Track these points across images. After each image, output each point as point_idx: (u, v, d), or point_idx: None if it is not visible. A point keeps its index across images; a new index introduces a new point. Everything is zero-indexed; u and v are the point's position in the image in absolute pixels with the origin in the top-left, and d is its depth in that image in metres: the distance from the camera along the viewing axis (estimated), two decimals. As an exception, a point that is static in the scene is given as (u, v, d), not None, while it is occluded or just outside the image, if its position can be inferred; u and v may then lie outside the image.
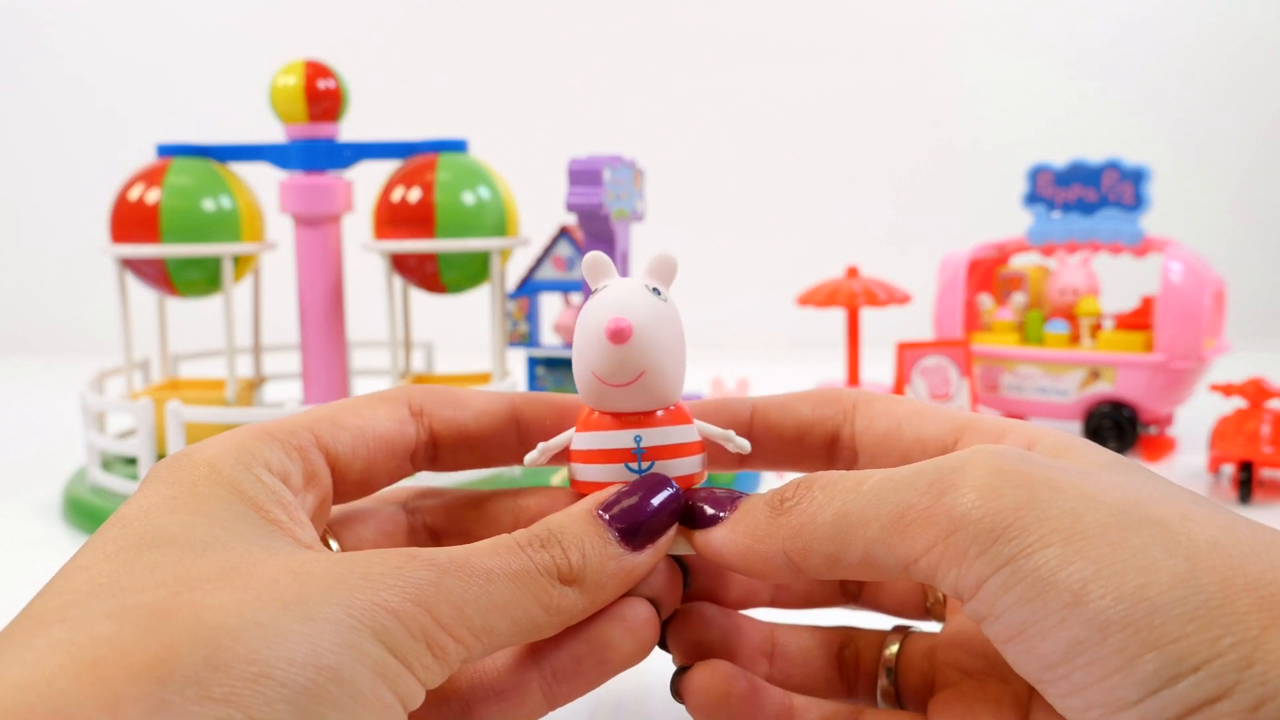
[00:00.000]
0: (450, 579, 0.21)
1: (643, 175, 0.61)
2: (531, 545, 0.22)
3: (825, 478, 0.23)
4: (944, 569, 0.20)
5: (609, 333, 0.24)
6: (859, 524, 0.22)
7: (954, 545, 0.20)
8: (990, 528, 0.20)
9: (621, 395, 0.25)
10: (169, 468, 0.23)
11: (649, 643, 0.25)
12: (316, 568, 0.20)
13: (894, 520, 0.21)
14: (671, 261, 0.26)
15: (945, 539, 0.20)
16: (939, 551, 0.20)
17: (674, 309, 0.25)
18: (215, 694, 0.17)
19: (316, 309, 0.61)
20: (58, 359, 1.15)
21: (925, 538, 0.21)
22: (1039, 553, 0.19)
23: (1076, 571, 0.19)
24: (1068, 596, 0.18)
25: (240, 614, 0.18)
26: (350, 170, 0.63)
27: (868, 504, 0.22)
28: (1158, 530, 0.19)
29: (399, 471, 0.27)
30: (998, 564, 0.19)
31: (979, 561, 0.20)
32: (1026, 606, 0.19)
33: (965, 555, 0.20)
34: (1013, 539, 0.19)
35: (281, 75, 0.59)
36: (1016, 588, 0.19)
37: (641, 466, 0.25)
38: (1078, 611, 0.18)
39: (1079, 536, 0.19)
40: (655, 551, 0.24)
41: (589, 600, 0.23)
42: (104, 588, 0.19)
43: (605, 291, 0.25)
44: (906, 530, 0.21)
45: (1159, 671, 0.17)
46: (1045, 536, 0.19)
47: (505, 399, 0.28)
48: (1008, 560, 0.19)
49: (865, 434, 0.27)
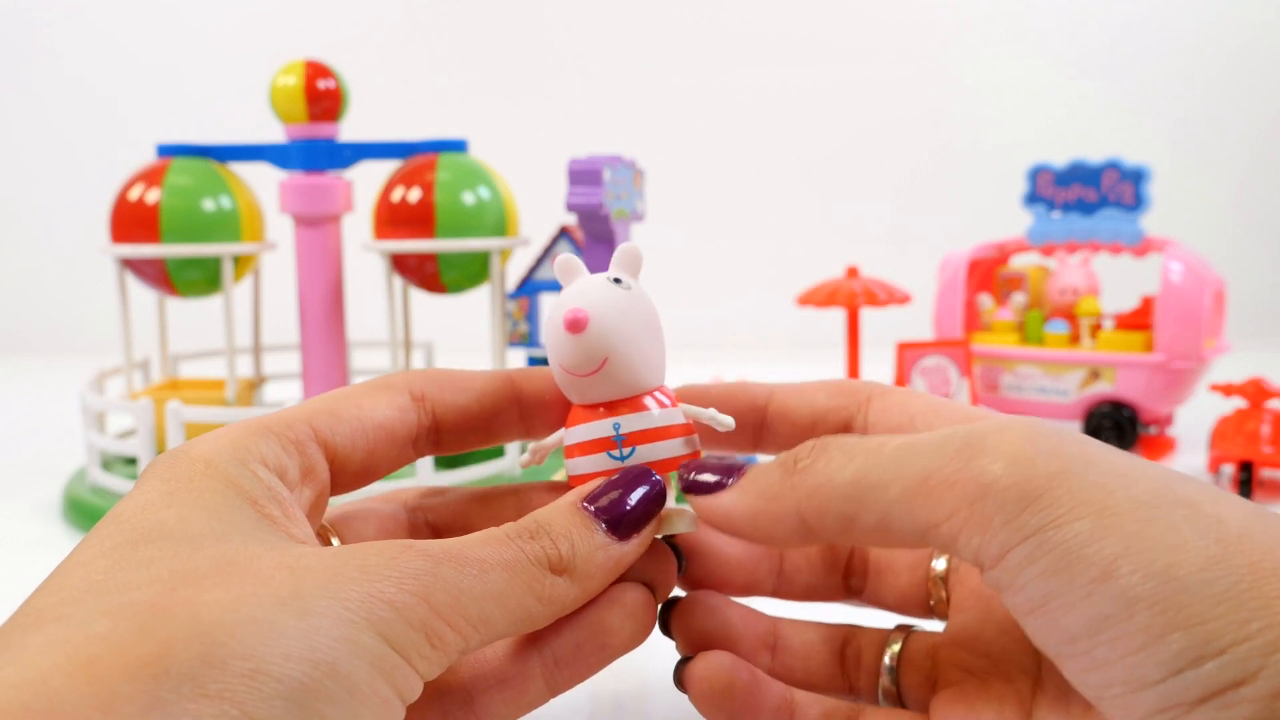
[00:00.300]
0: (445, 568, 0.21)
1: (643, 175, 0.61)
2: (521, 536, 0.23)
3: (843, 439, 0.23)
4: (966, 536, 0.20)
5: (565, 323, 0.25)
6: (879, 486, 0.21)
7: (979, 512, 0.20)
8: (1019, 496, 0.20)
9: (590, 384, 0.25)
10: (165, 463, 0.23)
11: (647, 626, 0.25)
12: (312, 562, 0.20)
13: (917, 484, 0.21)
14: (634, 252, 0.26)
15: (970, 505, 0.20)
16: (962, 517, 0.20)
17: (639, 296, 0.26)
18: (210, 691, 0.17)
19: (316, 309, 0.61)
20: (58, 359, 1.15)
21: (949, 503, 0.20)
22: (1069, 525, 0.19)
23: (1107, 547, 0.18)
24: (1096, 571, 0.18)
25: (236, 610, 0.18)
26: (350, 170, 0.63)
27: (889, 466, 0.22)
28: (1189, 511, 0.19)
29: (401, 458, 0.27)
30: (1025, 534, 0.19)
31: (1004, 530, 0.20)
32: (1052, 579, 0.19)
33: (990, 523, 0.20)
34: (1042, 509, 0.19)
35: (281, 75, 0.59)
36: (1043, 559, 0.19)
37: (624, 453, 0.25)
38: (1105, 587, 0.18)
39: (1110, 512, 0.19)
40: (641, 540, 0.24)
41: (580, 589, 0.23)
42: (100, 584, 0.19)
43: (569, 287, 0.26)
44: (930, 495, 0.21)
45: (1184, 651, 0.17)
46: (1076, 509, 0.19)
47: (504, 376, 0.28)
48: (1036, 531, 0.19)
49: (878, 426, 0.27)
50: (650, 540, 0.25)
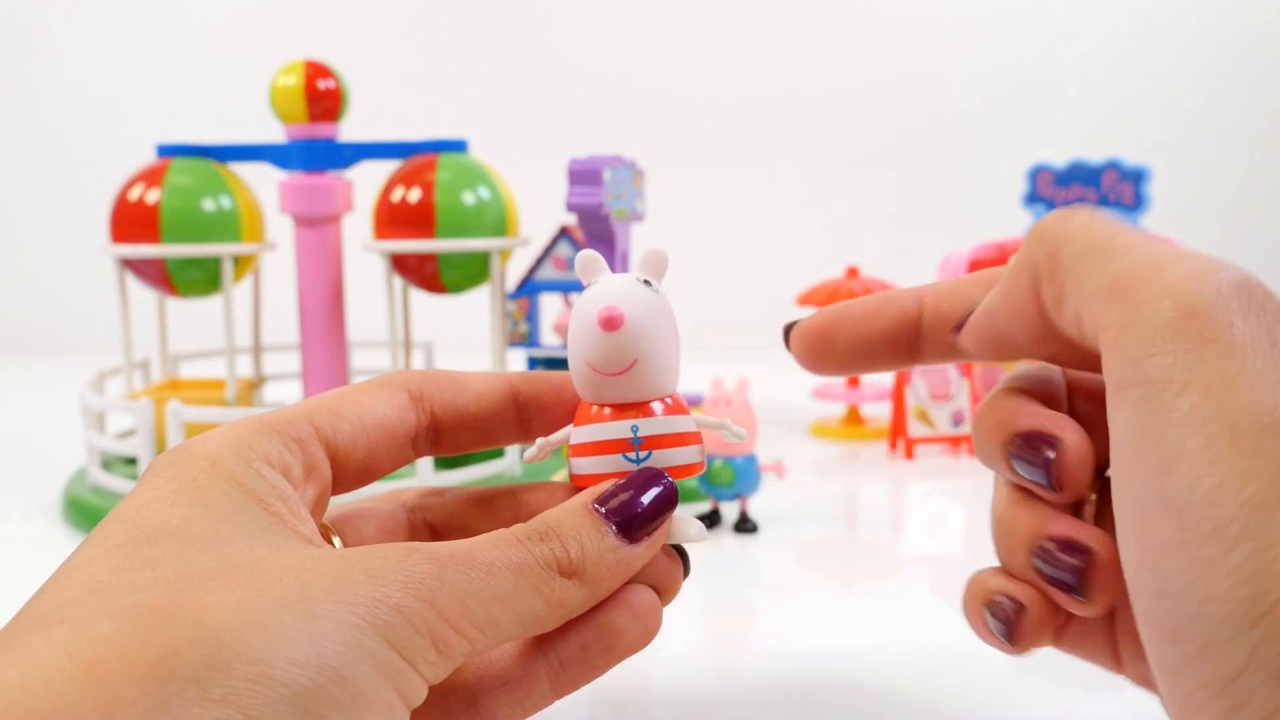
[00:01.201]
0: (452, 571, 0.21)
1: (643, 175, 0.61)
2: (530, 539, 0.22)
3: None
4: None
5: (601, 320, 0.24)
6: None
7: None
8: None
9: (616, 384, 0.25)
10: (168, 461, 0.23)
11: (653, 628, 0.25)
12: (319, 564, 0.20)
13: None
14: (662, 255, 0.26)
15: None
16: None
17: (666, 301, 0.26)
18: (215, 695, 0.17)
19: (316, 309, 0.61)
20: (58, 359, 1.15)
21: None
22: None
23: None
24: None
25: (241, 613, 0.18)
26: (350, 170, 0.63)
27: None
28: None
29: (400, 458, 0.27)
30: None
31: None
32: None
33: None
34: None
35: (281, 75, 0.59)
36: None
37: (640, 456, 0.25)
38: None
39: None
40: (652, 543, 0.24)
41: (589, 592, 0.23)
42: (104, 585, 0.19)
43: (597, 285, 0.26)
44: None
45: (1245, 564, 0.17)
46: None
47: (503, 379, 0.28)
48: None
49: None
50: (661, 544, 0.25)
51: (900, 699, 0.37)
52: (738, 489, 0.53)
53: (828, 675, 0.38)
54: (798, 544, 0.53)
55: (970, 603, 0.25)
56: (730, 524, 0.55)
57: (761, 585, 0.50)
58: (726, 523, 0.55)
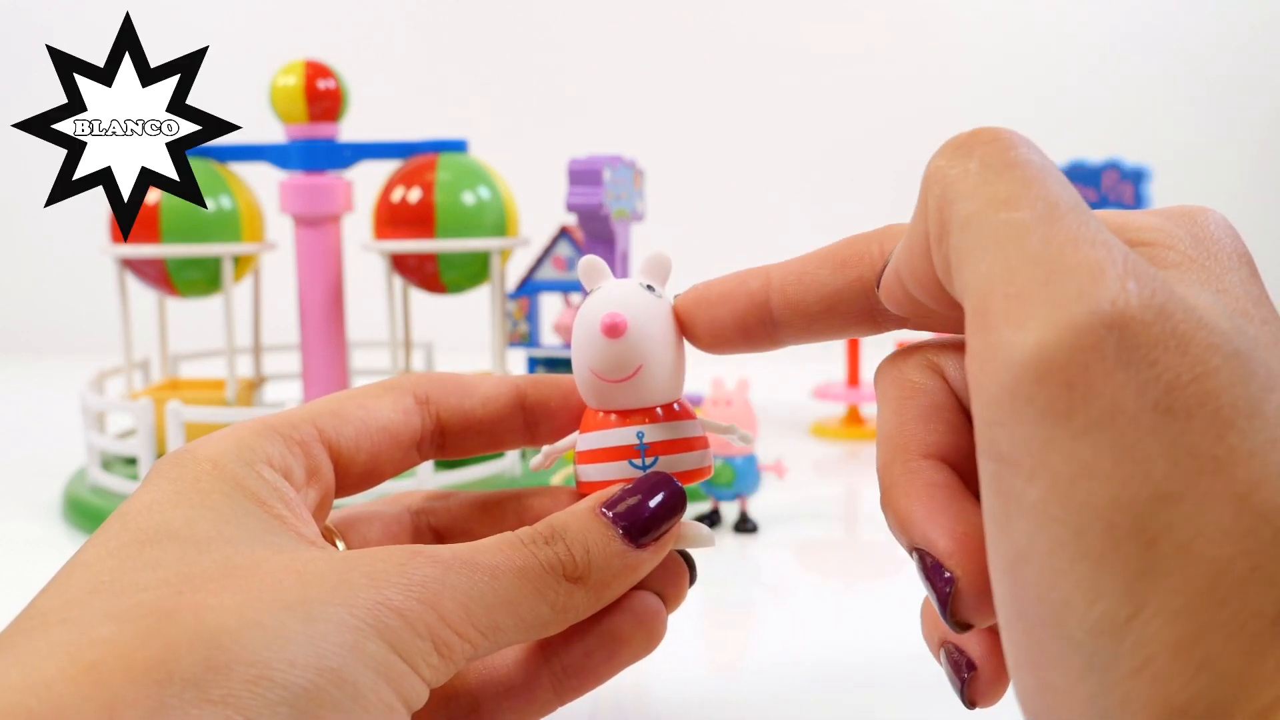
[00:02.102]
0: (455, 575, 0.21)
1: (643, 175, 0.61)
2: (536, 542, 0.22)
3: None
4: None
5: (604, 327, 0.24)
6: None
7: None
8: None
9: (618, 390, 0.25)
10: (171, 464, 0.23)
11: (657, 635, 0.25)
12: (320, 566, 0.20)
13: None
14: (665, 259, 0.26)
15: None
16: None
17: (669, 305, 0.26)
18: (214, 696, 0.17)
19: (316, 309, 0.61)
20: (58, 359, 1.15)
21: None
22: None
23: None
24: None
25: (241, 614, 0.18)
26: (350, 170, 0.63)
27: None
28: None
29: (405, 461, 0.27)
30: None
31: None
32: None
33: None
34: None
35: (281, 75, 0.59)
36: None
37: (645, 462, 0.25)
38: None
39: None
40: (659, 548, 0.24)
41: (594, 598, 0.23)
42: (106, 586, 0.19)
43: (600, 291, 0.25)
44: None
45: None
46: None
47: (510, 383, 0.28)
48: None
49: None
50: (668, 549, 0.25)
51: (900, 699, 0.37)
52: (738, 489, 0.53)
53: (828, 675, 0.38)
54: (798, 544, 0.53)
55: (927, 637, 0.23)
56: (730, 524, 0.55)
57: (761, 585, 0.50)
58: (726, 523, 0.55)
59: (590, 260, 0.26)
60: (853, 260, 0.22)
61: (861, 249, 0.22)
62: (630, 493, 0.24)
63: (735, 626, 0.45)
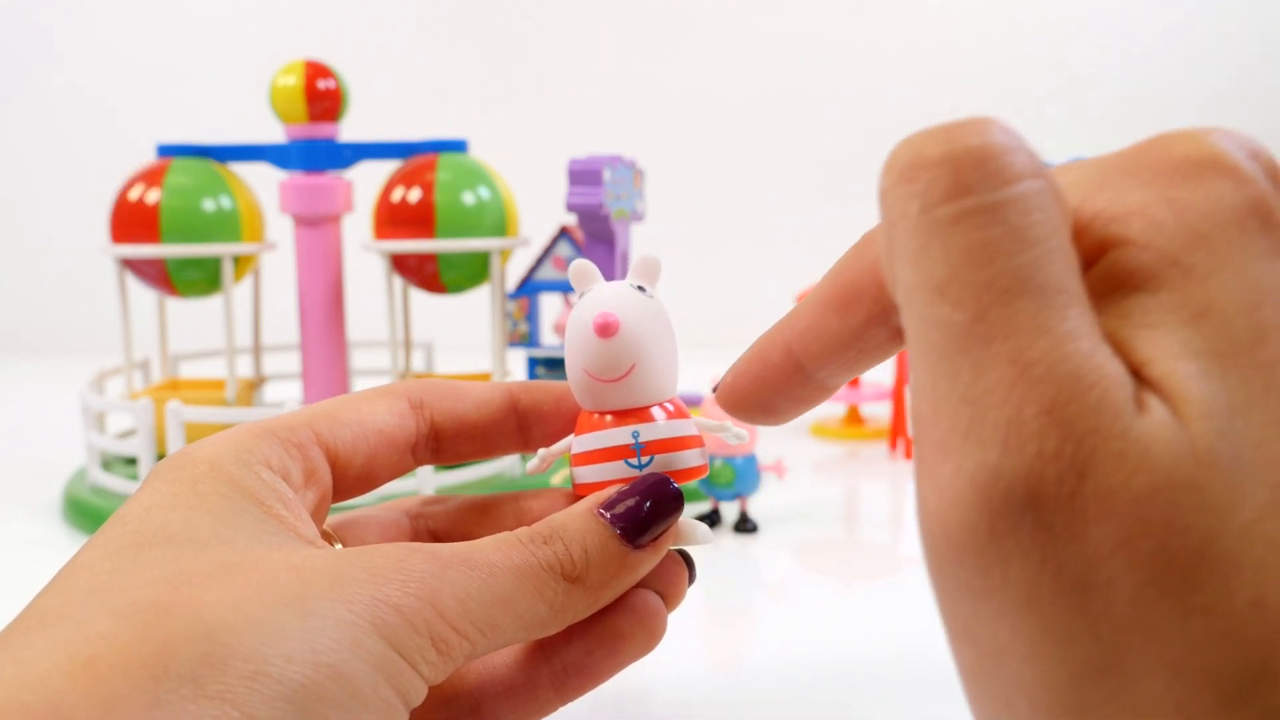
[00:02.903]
0: (454, 571, 0.21)
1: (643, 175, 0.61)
2: (534, 541, 0.22)
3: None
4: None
5: (596, 327, 0.24)
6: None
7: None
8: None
9: (614, 390, 0.25)
10: (170, 466, 0.23)
11: (658, 633, 0.25)
12: (319, 562, 0.20)
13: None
14: (654, 261, 0.26)
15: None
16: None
17: (661, 306, 0.26)
18: (211, 692, 0.17)
19: (316, 309, 0.61)
20: (58, 359, 1.15)
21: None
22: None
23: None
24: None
25: (239, 610, 0.18)
26: (350, 170, 0.63)
27: None
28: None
29: (400, 466, 0.27)
30: None
31: None
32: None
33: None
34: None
35: (281, 75, 0.59)
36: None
37: (641, 462, 0.25)
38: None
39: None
40: (656, 549, 0.24)
41: (592, 598, 0.23)
42: (104, 585, 0.19)
43: (591, 293, 0.26)
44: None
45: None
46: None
47: (503, 388, 0.28)
48: None
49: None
50: (666, 550, 0.25)
51: (900, 698, 0.37)
52: (738, 489, 0.53)
53: (828, 675, 0.38)
54: (798, 544, 0.53)
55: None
56: (730, 524, 0.55)
57: (761, 585, 0.50)
58: (726, 523, 0.55)
59: (581, 264, 0.26)
60: (853, 300, 0.20)
61: (856, 285, 0.20)
62: (628, 494, 0.24)
63: (735, 626, 0.45)
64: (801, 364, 0.21)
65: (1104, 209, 0.16)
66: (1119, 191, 0.16)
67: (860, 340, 0.20)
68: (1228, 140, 0.16)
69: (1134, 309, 0.15)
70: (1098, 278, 0.16)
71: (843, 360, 0.21)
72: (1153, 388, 0.14)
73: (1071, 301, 0.15)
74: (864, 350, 0.21)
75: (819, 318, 0.21)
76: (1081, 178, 0.17)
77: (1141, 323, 0.15)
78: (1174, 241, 0.15)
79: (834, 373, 0.21)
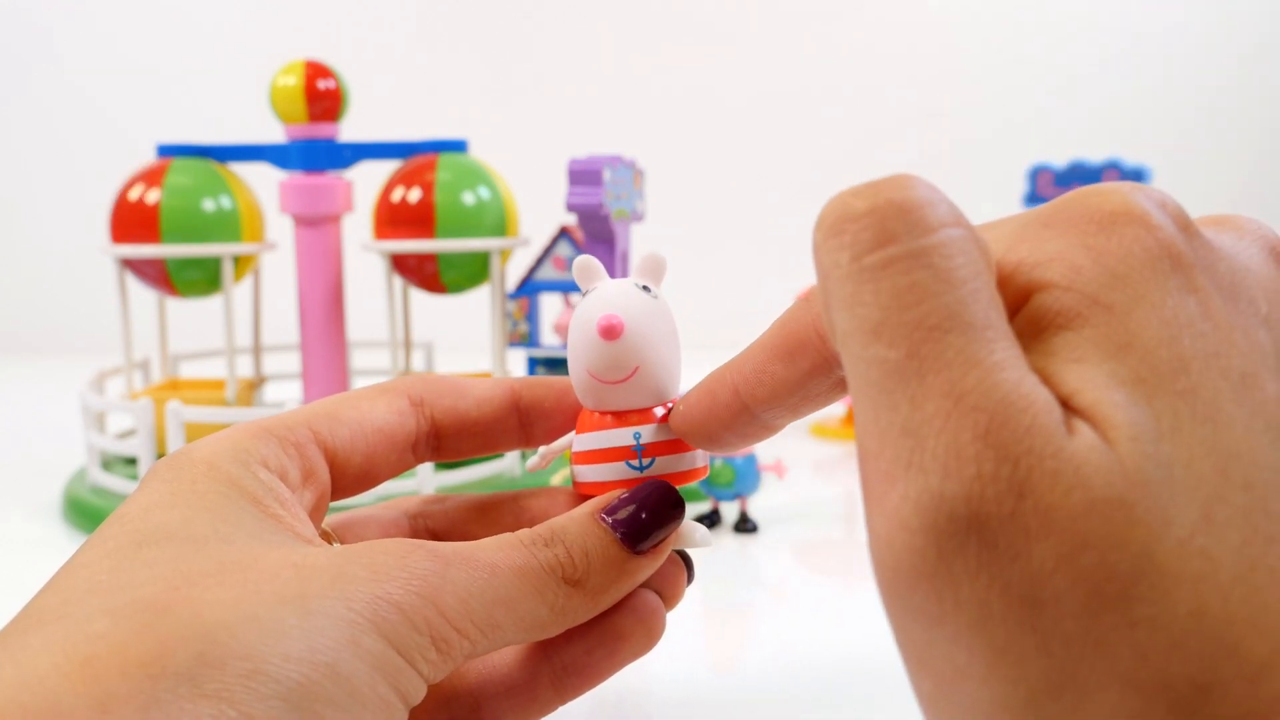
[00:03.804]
0: (455, 570, 0.21)
1: (643, 175, 0.61)
2: (536, 543, 0.22)
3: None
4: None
5: (601, 329, 0.24)
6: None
7: None
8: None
9: (617, 392, 0.25)
10: (167, 466, 0.23)
11: (657, 632, 0.25)
12: (319, 560, 0.20)
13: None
14: (660, 260, 0.26)
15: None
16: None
17: (665, 306, 0.26)
18: (207, 690, 0.17)
19: (316, 309, 0.61)
20: (58, 359, 1.15)
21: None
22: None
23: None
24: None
25: (237, 609, 0.18)
26: (350, 170, 0.63)
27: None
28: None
29: (400, 463, 0.27)
30: None
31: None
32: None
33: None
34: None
35: (281, 75, 0.59)
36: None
37: (643, 463, 0.25)
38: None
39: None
40: (657, 555, 0.24)
41: (592, 602, 0.23)
42: (102, 585, 0.19)
43: (596, 291, 0.25)
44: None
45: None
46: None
47: (504, 384, 0.28)
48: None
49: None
50: (667, 555, 0.25)
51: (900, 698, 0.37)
52: (738, 489, 0.53)
53: (828, 675, 0.38)
54: (798, 544, 0.53)
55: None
56: (730, 524, 0.55)
57: (761, 585, 0.50)
58: (726, 523, 0.55)
59: (585, 260, 0.26)
60: (798, 351, 0.21)
61: (800, 337, 0.21)
62: (629, 500, 0.24)
63: (735, 626, 0.45)
64: (747, 405, 0.23)
65: (1025, 258, 0.17)
66: (1038, 242, 0.17)
67: (803, 388, 0.22)
68: (1139, 194, 0.17)
69: (1060, 346, 0.16)
70: (1024, 321, 0.16)
71: (786, 405, 0.22)
72: (1080, 415, 0.15)
73: (998, 336, 0.15)
74: (806, 397, 0.22)
75: (765, 364, 0.22)
76: (1002, 234, 0.18)
77: (1068, 358, 0.16)
78: (1093, 283, 0.16)
79: (777, 415, 0.23)
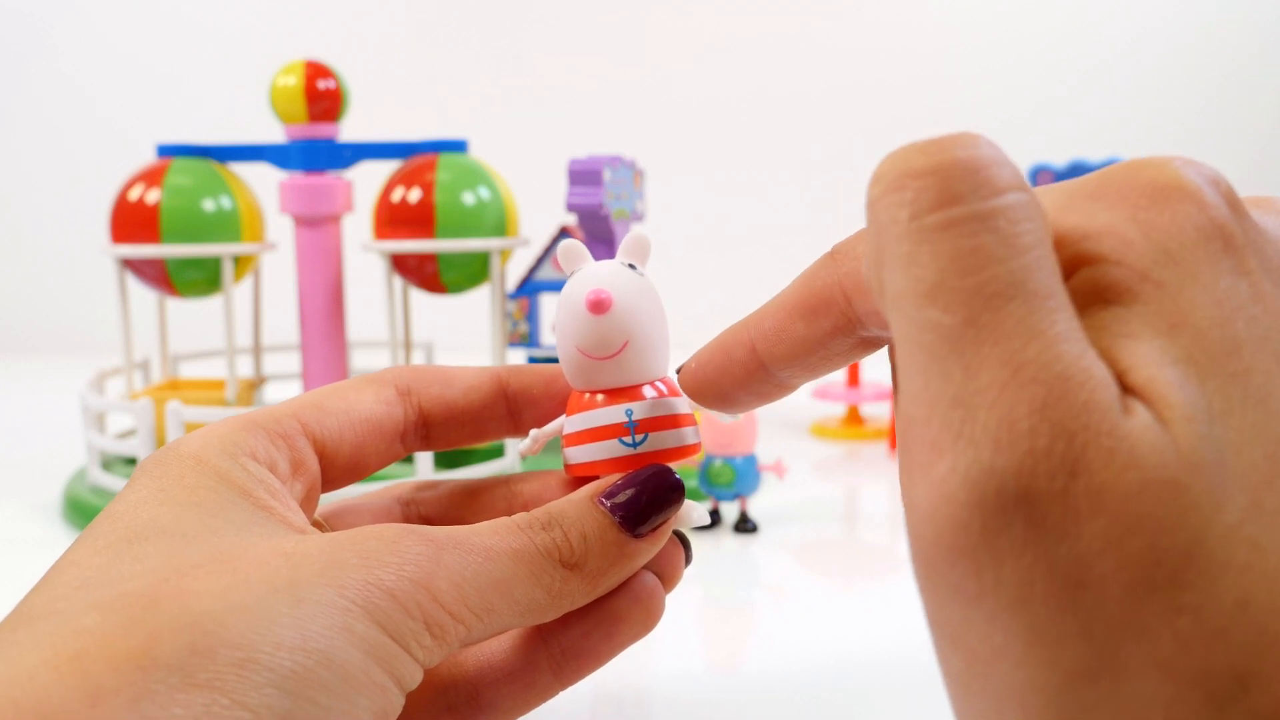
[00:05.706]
0: (449, 554, 0.21)
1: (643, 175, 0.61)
2: (532, 527, 0.22)
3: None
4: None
5: (589, 304, 0.24)
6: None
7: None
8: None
9: (605, 368, 0.25)
10: (156, 462, 0.23)
11: (656, 614, 0.25)
12: (310, 547, 0.20)
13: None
14: (644, 240, 0.26)
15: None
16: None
17: (652, 285, 0.26)
18: (199, 680, 0.17)
19: (316, 309, 0.61)
20: (58, 359, 1.15)
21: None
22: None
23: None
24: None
25: (227, 598, 0.18)
26: (350, 170, 0.63)
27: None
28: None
29: (389, 453, 0.27)
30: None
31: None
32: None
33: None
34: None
35: (281, 75, 0.59)
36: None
37: (636, 440, 0.25)
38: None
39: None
40: (656, 538, 0.24)
41: (589, 585, 0.23)
42: (92, 580, 0.19)
43: (582, 271, 0.26)
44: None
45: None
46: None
47: (491, 372, 0.28)
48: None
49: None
50: (666, 538, 0.25)
51: (900, 698, 0.37)
52: (738, 489, 0.53)
53: (828, 675, 0.38)
54: (798, 544, 0.53)
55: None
56: (730, 524, 0.55)
57: (761, 585, 0.50)
58: (726, 523, 0.55)
59: (569, 244, 0.26)
60: (821, 309, 0.21)
61: (825, 295, 0.21)
62: (628, 483, 0.24)
63: (735, 626, 0.45)
64: (764, 363, 0.22)
65: (1073, 229, 0.17)
66: (1086, 214, 0.17)
67: (824, 347, 0.21)
68: (1190, 169, 0.17)
69: (1110, 321, 0.15)
70: (1071, 293, 0.16)
71: (805, 364, 0.22)
72: (1135, 393, 0.15)
73: (1059, 307, 0.15)
74: (826, 356, 0.22)
75: (785, 321, 0.22)
76: (1048, 202, 0.17)
77: (1119, 333, 0.15)
78: (1144, 258, 0.16)
79: (794, 374, 0.23)
